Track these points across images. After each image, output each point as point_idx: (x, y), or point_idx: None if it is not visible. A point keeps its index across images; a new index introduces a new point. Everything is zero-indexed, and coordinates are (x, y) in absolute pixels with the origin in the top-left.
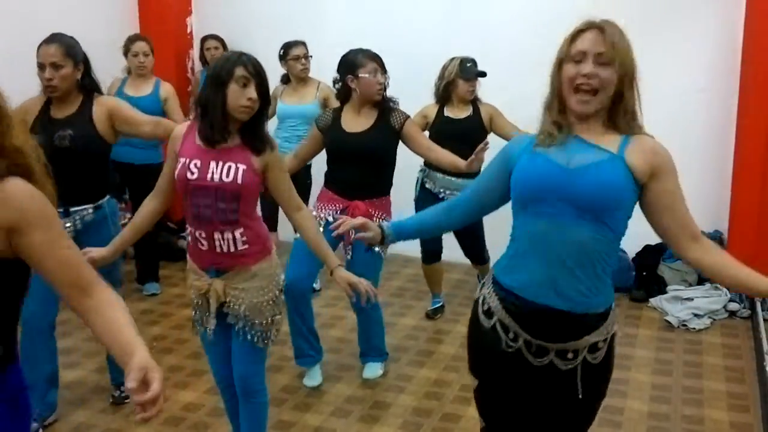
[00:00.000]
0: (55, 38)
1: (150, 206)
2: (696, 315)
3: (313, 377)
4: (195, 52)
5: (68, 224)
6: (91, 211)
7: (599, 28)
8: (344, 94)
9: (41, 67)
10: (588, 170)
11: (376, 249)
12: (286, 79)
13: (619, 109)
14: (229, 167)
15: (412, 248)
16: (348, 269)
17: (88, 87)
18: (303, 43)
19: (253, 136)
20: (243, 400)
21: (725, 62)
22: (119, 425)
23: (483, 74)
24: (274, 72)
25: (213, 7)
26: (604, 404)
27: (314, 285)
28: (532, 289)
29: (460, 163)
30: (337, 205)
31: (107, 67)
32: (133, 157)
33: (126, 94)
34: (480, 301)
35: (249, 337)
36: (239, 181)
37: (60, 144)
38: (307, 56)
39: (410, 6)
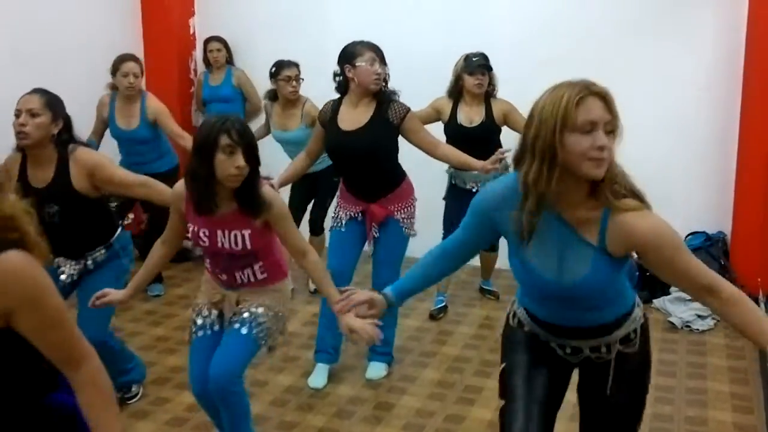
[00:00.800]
0: (38, 90)
1: (161, 252)
2: (699, 316)
3: (319, 378)
4: (198, 54)
5: (80, 265)
6: (104, 251)
7: (600, 94)
8: (343, 86)
9: (17, 114)
10: (582, 284)
11: (405, 231)
12: (272, 95)
13: (606, 181)
14: (235, 236)
15: (415, 248)
16: (374, 251)
17: (65, 143)
18: (296, 65)
19: (248, 200)
20: (220, 404)
21: (728, 62)
22: (122, 426)
23: (488, 68)
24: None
25: (216, 8)
26: None
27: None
28: (554, 321)
29: (474, 163)
30: (357, 207)
31: (108, 70)
32: (142, 169)
33: (119, 128)
34: (510, 315)
35: (251, 326)
36: (248, 246)
37: (51, 220)
38: (298, 78)
39: (412, 6)
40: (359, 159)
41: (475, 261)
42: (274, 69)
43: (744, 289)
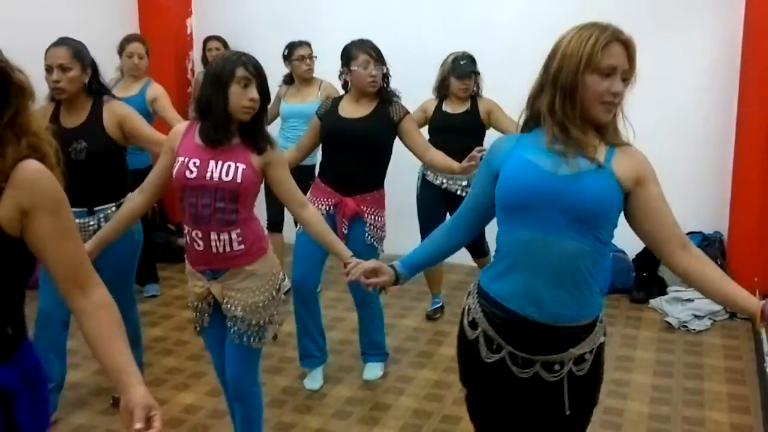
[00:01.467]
0: (63, 41)
1: (137, 200)
2: (696, 316)
3: (315, 380)
4: (195, 53)
5: (92, 222)
6: (114, 209)
7: (625, 42)
8: (346, 86)
9: (49, 69)
10: (577, 179)
11: (369, 238)
12: (289, 79)
13: (611, 122)
14: (229, 166)
15: (410, 249)
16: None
17: (96, 91)
18: (308, 44)
19: (254, 134)
20: (236, 402)
21: (726, 62)
22: (119, 426)
23: (475, 73)
24: (274, 74)
25: (213, 8)
26: (604, 406)
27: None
28: (515, 300)
29: (455, 166)
30: (330, 200)
31: (107, 69)
32: (137, 162)
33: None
34: (465, 310)
35: (244, 339)
36: (239, 180)
37: (77, 158)
38: (311, 56)
39: (410, 6)
40: (356, 145)
41: (471, 261)
42: (286, 51)
43: None
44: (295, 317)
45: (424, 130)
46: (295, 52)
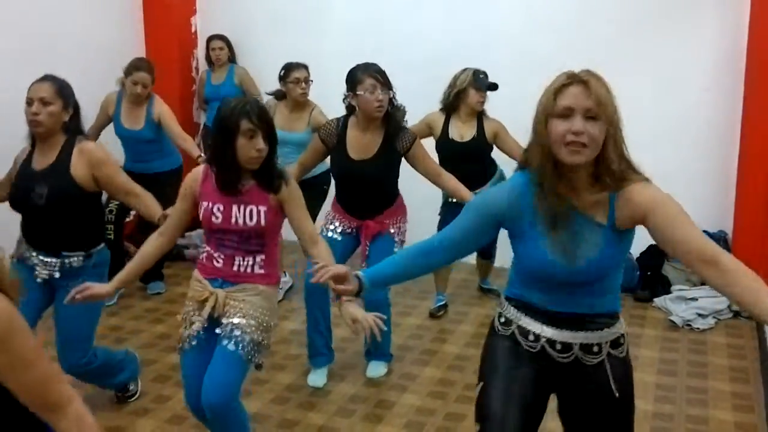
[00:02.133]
0: (48, 77)
1: (157, 243)
2: (700, 315)
3: (319, 377)
4: (199, 52)
5: (55, 261)
6: (81, 257)
7: (583, 82)
8: (350, 108)
9: (29, 102)
10: (592, 265)
11: (396, 245)
12: (281, 95)
13: (603, 168)
14: (251, 210)
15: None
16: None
17: (73, 131)
18: (305, 67)
19: (267, 177)
20: (217, 422)
21: (730, 62)
22: (122, 423)
23: (495, 86)
24: (276, 73)
25: (217, 6)
26: None
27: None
28: (544, 304)
29: (465, 193)
30: (351, 223)
31: (110, 68)
32: (146, 168)
33: (123, 127)
34: (496, 317)
35: (239, 346)
36: (262, 223)
37: (37, 203)
38: (307, 80)
39: (413, 4)
40: (367, 186)
41: (473, 259)
42: (283, 72)
43: None
44: (307, 315)
45: (431, 150)
46: (291, 75)
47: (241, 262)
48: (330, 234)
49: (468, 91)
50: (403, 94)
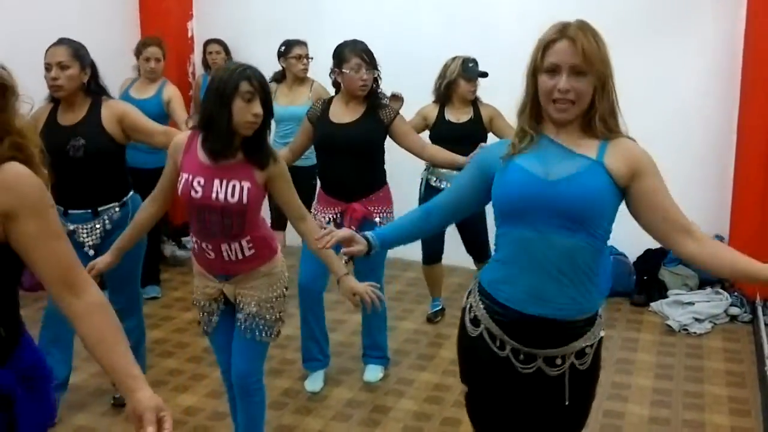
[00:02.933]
0: (63, 41)
1: (149, 210)
2: (697, 319)
3: (315, 382)
4: (196, 56)
5: (98, 225)
6: (117, 209)
7: (570, 38)
8: (337, 85)
9: (48, 67)
10: (569, 181)
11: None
12: (280, 77)
13: (593, 117)
14: (233, 186)
15: (411, 252)
16: (354, 262)
17: (95, 92)
18: (305, 43)
19: (257, 150)
20: (240, 398)
21: (727, 65)
22: (120, 428)
23: (485, 74)
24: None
25: (213, 11)
26: (604, 409)
27: None
28: (518, 299)
29: (459, 159)
30: (335, 208)
31: (109, 72)
32: (144, 161)
33: (131, 96)
34: (467, 309)
35: (256, 333)
36: (244, 200)
37: (75, 155)
38: (308, 56)
39: (409, 8)
40: (349, 150)
41: (471, 264)
42: (283, 48)
43: (741, 293)
44: (300, 320)
45: (425, 137)
46: (293, 50)
47: (230, 251)
48: None
49: (458, 81)
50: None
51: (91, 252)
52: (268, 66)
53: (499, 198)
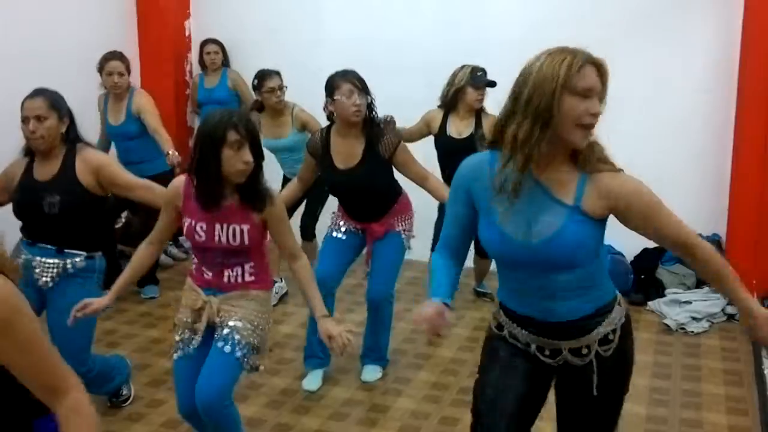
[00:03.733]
0: (38, 92)
1: (147, 252)
2: (694, 318)
3: (314, 381)
4: (193, 56)
5: (57, 262)
6: (83, 259)
7: (597, 65)
8: (330, 116)
9: (25, 120)
10: (550, 242)
11: (404, 241)
12: (261, 106)
13: (587, 148)
14: (233, 230)
15: (410, 251)
16: (372, 261)
17: (72, 140)
18: (278, 74)
19: (252, 194)
20: (210, 421)
21: (723, 65)
22: (117, 428)
23: (493, 84)
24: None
25: (211, 11)
26: None
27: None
28: (532, 314)
29: (446, 194)
30: (357, 225)
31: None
32: (140, 170)
33: (109, 123)
34: (492, 319)
35: (234, 348)
36: (246, 242)
37: (50, 212)
38: (282, 87)
39: (408, 9)
40: (359, 194)
41: (469, 262)
42: (256, 81)
43: None
44: (309, 318)
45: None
46: (265, 84)
47: (231, 274)
48: (334, 234)
49: (466, 89)
50: (397, 99)
51: (40, 283)
52: (264, 66)
53: (485, 246)
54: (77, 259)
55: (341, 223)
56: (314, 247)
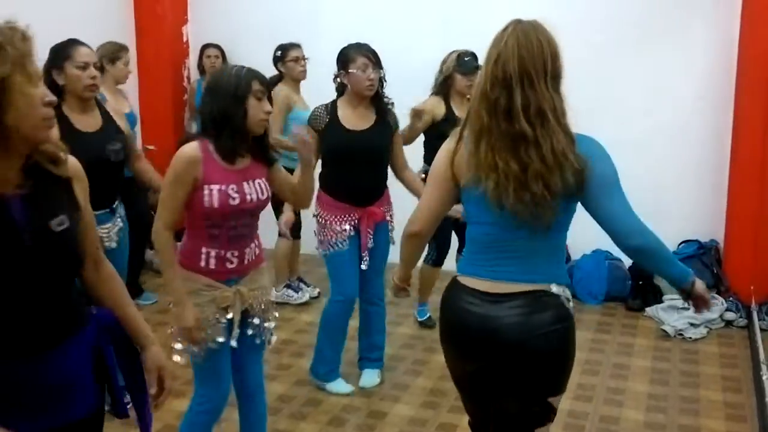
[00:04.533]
0: (81, 42)
1: (171, 238)
2: (692, 324)
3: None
4: (191, 61)
5: (117, 221)
6: (123, 211)
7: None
8: (340, 88)
9: (84, 66)
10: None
11: (391, 235)
12: (277, 80)
13: None
14: (259, 184)
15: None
16: (369, 260)
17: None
18: (299, 46)
19: (264, 149)
20: (253, 404)
21: (721, 72)
22: (116, 430)
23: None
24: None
25: (209, 16)
26: (600, 414)
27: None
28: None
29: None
30: (353, 216)
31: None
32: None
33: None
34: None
35: (261, 340)
36: (269, 195)
37: (116, 159)
38: (305, 57)
39: (407, 13)
40: (369, 157)
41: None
42: (279, 52)
43: (736, 297)
44: (327, 334)
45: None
46: (290, 54)
47: (249, 251)
48: (336, 251)
49: (454, 76)
50: (396, 102)
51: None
52: (263, 71)
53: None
54: (119, 206)
55: (338, 228)
56: (297, 246)
